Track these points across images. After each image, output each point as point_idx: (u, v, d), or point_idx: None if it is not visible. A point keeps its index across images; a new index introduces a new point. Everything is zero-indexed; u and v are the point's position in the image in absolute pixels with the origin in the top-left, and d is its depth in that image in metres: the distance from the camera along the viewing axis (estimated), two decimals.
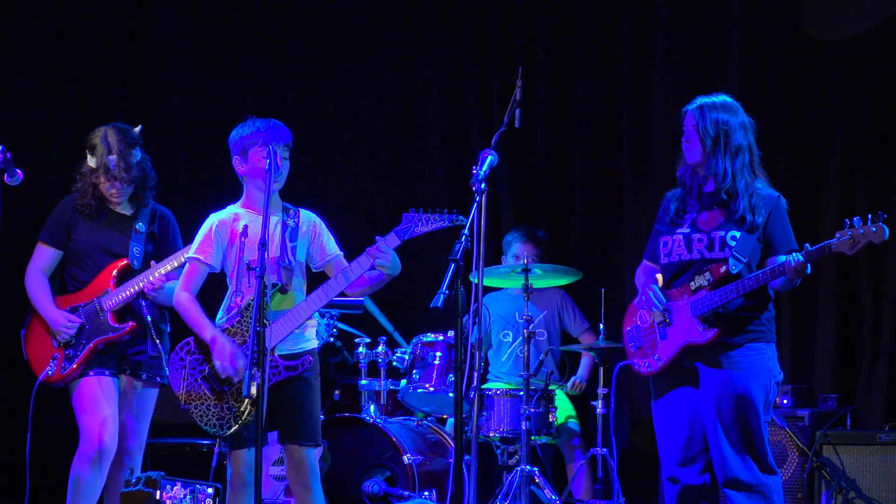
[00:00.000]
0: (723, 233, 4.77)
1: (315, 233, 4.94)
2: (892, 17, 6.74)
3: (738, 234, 4.74)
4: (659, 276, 4.96)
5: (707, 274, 4.74)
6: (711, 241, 4.78)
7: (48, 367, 5.22)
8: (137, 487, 5.13)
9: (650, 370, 4.90)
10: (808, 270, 4.67)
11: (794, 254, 4.64)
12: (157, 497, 5.15)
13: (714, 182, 4.83)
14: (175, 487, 5.52)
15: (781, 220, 4.81)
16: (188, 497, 5.50)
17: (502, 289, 6.91)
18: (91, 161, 5.29)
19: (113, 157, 5.25)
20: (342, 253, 4.96)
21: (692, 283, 4.78)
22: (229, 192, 5.02)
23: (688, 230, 4.84)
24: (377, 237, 4.74)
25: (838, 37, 6.90)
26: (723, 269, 4.71)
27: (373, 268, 4.75)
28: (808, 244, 4.64)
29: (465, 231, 4.39)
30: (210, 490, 5.51)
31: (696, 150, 4.83)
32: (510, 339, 6.90)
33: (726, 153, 4.80)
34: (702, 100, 4.89)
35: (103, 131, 5.32)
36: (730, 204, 4.79)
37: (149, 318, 5.29)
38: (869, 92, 6.81)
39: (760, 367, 4.75)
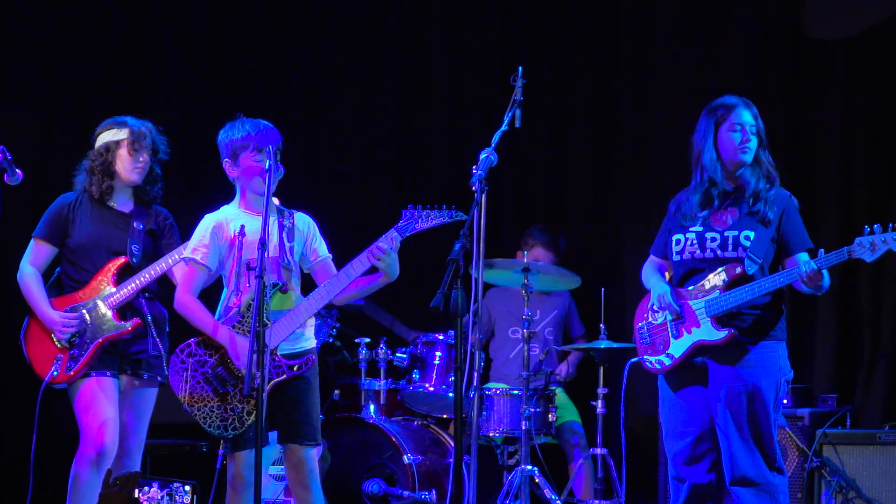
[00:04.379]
0: (736, 232, 4.77)
1: (309, 234, 4.92)
2: (892, 17, 6.74)
3: (751, 234, 4.73)
4: (666, 274, 4.96)
5: (722, 274, 4.74)
6: (725, 241, 4.77)
7: (52, 368, 5.20)
8: (115, 489, 5.11)
9: (662, 368, 4.89)
10: (827, 278, 4.65)
11: (808, 262, 4.62)
12: (135, 497, 5.13)
13: (742, 180, 4.82)
14: (152, 489, 5.52)
15: (794, 219, 4.81)
16: (165, 497, 5.50)
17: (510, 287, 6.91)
18: (115, 136, 5.26)
19: (144, 126, 5.28)
20: (331, 255, 4.95)
21: (706, 282, 4.78)
22: (227, 191, 5.01)
23: (701, 229, 4.83)
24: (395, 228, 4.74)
25: (838, 37, 6.90)
26: (738, 269, 4.71)
27: (372, 269, 4.75)
28: (822, 250, 4.62)
29: (465, 231, 4.39)
30: (187, 488, 5.50)
31: (754, 151, 4.83)
32: (518, 336, 6.89)
33: (764, 151, 4.84)
34: (736, 98, 4.86)
35: (116, 117, 5.34)
36: (746, 201, 4.79)
37: (149, 316, 5.29)
38: (869, 92, 6.81)
39: (771, 364, 4.75)
